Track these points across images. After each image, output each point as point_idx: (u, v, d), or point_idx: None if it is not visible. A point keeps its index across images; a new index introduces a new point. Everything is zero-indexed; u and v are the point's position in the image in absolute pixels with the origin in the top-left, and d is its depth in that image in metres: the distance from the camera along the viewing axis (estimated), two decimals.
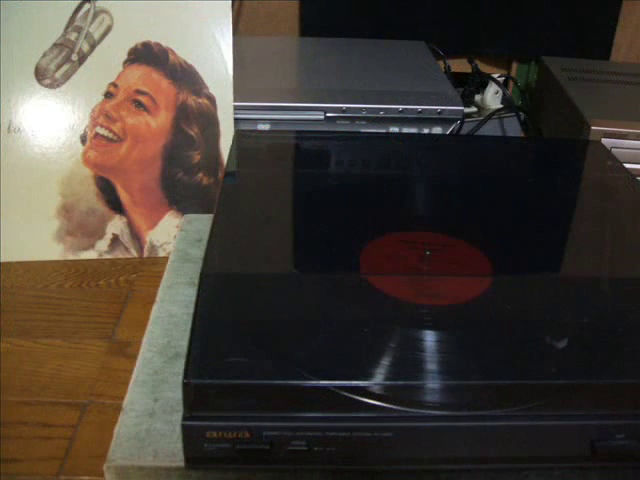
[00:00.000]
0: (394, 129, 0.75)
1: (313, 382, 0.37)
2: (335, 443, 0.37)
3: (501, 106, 0.88)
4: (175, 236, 0.65)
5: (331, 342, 0.40)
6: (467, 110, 0.85)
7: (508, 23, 0.97)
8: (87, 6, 0.64)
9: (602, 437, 0.38)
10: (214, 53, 0.66)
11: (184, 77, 0.66)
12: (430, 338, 0.40)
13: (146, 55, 0.65)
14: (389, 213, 0.55)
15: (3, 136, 0.64)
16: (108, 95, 0.65)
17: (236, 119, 0.69)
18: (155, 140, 0.67)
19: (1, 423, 0.48)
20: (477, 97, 0.91)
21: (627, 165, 0.65)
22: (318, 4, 0.97)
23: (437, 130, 0.75)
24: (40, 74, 0.64)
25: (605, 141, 0.70)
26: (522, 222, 0.55)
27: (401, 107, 0.73)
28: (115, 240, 0.67)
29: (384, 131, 0.74)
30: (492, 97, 0.89)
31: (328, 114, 0.73)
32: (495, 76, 0.90)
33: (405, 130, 0.75)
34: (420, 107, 0.74)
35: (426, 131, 0.75)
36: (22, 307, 0.60)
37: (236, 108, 0.69)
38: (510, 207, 0.57)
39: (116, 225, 0.67)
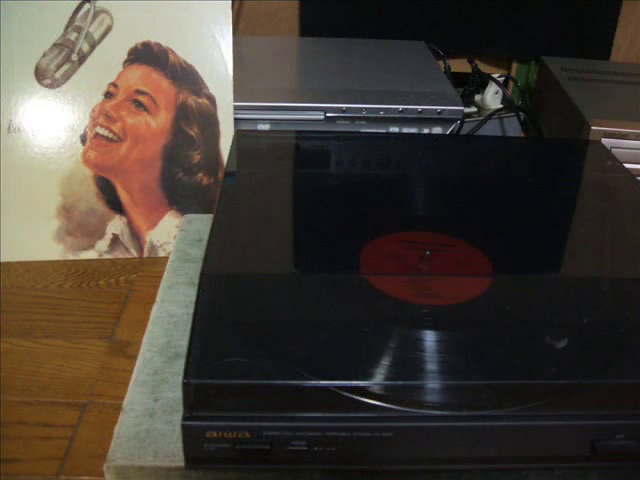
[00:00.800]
0: (394, 129, 0.75)
1: (313, 382, 0.36)
2: (335, 443, 0.37)
3: (501, 106, 0.88)
4: (175, 236, 0.65)
5: (331, 342, 0.40)
6: (467, 110, 0.85)
7: (508, 23, 0.97)
8: (87, 6, 0.64)
9: (602, 437, 0.38)
10: (214, 53, 0.66)
11: (184, 77, 0.66)
12: (430, 338, 0.40)
13: (146, 55, 0.65)
14: (389, 213, 0.55)
15: (3, 136, 0.64)
16: (108, 95, 0.65)
17: (236, 119, 0.69)
18: (155, 140, 0.66)
19: (1, 423, 0.48)
20: (477, 97, 0.91)
21: (627, 165, 0.65)
22: (318, 4, 0.97)
23: (437, 130, 0.75)
24: (40, 74, 0.64)
25: (605, 141, 0.70)
26: (522, 222, 0.55)
27: (401, 107, 0.73)
28: (115, 240, 0.67)
29: (384, 131, 0.74)
30: (492, 97, 0.89)
31: (328, 114, 0.73)
32: (495, 76, 0.89)
33: (405, 130, 0.75)
34: (420, 107, 0.74)
35: (426, 131, 0.75)
36: (22, 307, 0.60)
37: (236, 108, 0.69)
38: (510, 207, 0.57)
39: (116, 225, 0.67)
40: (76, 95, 0.65)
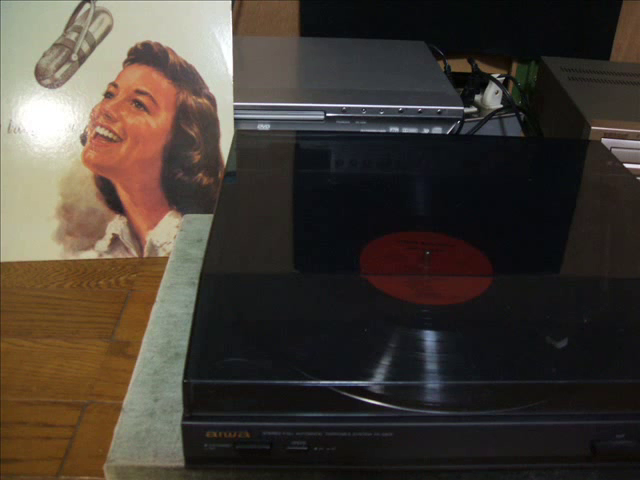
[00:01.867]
0: (394, 129, 0.75)
1: (313, 382, 0.36)
2: (335, 443, 0.37)
3: (501, 106, 0.88)
4: (175, 236, 0.65)
5: (331, 342, 0.40)
6: (467, 110, 0.85)
7: (508, 23, 0.97)
8: (87, 6, 0.64)
9: (602, 437, 0.38)
10: (214, 53, 0.66)
11: (184, 77, 0.66)
12: (430, 338, 0.40)
13: (146, 55, 0.65)
14: (389, 213, 0.55)
15: (3, 136, 0.64)
16: (108, 95, 0.65)
17: (236, 119, 0.69)
18: (155, 140, 0.66)
19: (1, 423, 0.48)
20: (477, 97, 0.91)
21: (627, 165, 0.65)
22: (318, 4, 0.97)
23: (437, 130, 0.75)
24: (40, 74, 0.64)
25: (605, 141, 0.70)
26: (522, 222, 0.55)
27: (401, 107, 0.73)
28: (115, 240, 0.67)
29: (384, 131, 0.74)
30: (492, 97, 0.89)
31: (328, 114, 0.73)
32: (495, 76, 0.89)
33: (405, 130, 0.75)
34: (420, 107, 0.74)
35: (426, 131, 0.75)
36: (22, 307, 0.60)
37: (236, 108, 0.69)
38: (510, 207, 0.57)
39: (116, 225, 0.67)
40: (76, 95, 0.65)
